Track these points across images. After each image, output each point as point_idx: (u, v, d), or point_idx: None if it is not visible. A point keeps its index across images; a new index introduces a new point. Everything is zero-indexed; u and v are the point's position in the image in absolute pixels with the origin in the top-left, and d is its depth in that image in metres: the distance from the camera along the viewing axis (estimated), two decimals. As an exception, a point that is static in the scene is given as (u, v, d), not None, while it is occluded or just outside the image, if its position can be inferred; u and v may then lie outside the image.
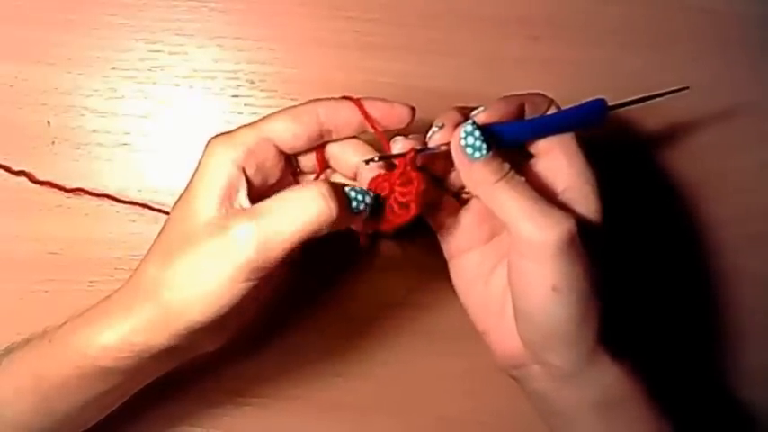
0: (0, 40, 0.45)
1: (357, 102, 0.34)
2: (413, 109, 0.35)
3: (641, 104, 0.39)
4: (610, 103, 0.37)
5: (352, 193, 0.32)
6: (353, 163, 0.35)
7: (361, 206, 0.32)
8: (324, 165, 0.36)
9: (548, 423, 0.37)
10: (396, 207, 0.33)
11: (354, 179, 0.35)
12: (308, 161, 0.36)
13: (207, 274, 0.31)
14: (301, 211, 0.30)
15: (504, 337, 0.35)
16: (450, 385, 0.45)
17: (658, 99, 0.40)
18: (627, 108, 0.38)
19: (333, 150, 0.36)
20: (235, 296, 0.31)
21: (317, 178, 0.37)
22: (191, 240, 0.31)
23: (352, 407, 0.45)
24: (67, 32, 0.45)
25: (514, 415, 0.44)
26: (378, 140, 0.35)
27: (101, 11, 0.45)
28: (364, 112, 0.34)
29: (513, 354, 0.35)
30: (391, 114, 0.34)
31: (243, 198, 0.33)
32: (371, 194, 0.33)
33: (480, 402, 0.45)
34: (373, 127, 0.34)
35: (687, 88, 0.41)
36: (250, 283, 0.31)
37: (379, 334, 0.45)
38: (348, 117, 0.34)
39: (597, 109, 0.37)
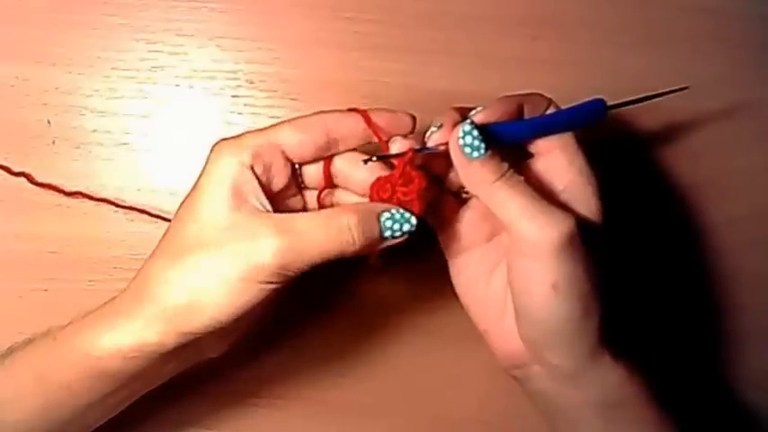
0: (0, 40, 0.45)
1: (363, 113, 0.34)
2: (413, 117, 0.35)
3: (641, 104, 0.39)
4: (609, 103, 0.37)
5: (388, 223, 0.32)
6: (365, 178, 0.35)
7: (397, 234, 0.32)
8: (330, 180, 0.36)
9: (549, 424, 0.37)
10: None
11: (365, 195, 0.35)
12: (312, 178, 0.36)
13: (223, 276, 0.30)
14: (327, 237, 0.31)
15: (505, 337, 0.35)
16: (453, 386, 0.45)
17: (659, 99, 0.40)
18: (627, 108, 0.38)
19: (340, 166, 0.35)
20: (249, 301, 0.31)
21: (320, 193, 0.36)
22: (205, 240, 0.31)
23: (357, 408, 0.45)
24: (68, 32, 0.45)
25: (516, 416, 0.44)
26: (382, 150, 0.35)
27: (101, 11, 0.46)
28: (369, 122, 0.34)
29: (513, 353, 0.35)
30: (395, 123, 0.34)
31: (261, 197, 0.33)
32: (413, 222, 0.32)
33: (483, 403, 0.45)
34: (377, 136, 0.34)
35: (687, 88, 0.41)
36: (265, 291, 0.31)
37: (384, 336, 0.45)
38: (353, 126, 0.34)
39: (596, 108, 0.36)
